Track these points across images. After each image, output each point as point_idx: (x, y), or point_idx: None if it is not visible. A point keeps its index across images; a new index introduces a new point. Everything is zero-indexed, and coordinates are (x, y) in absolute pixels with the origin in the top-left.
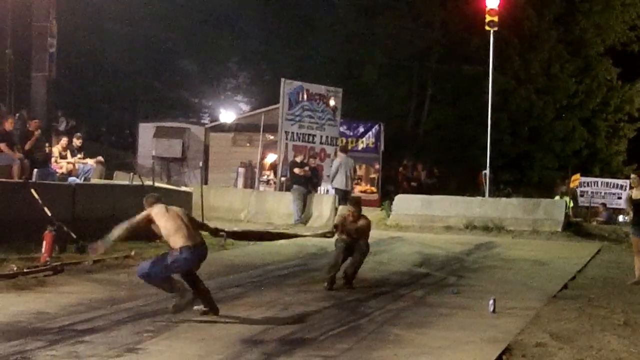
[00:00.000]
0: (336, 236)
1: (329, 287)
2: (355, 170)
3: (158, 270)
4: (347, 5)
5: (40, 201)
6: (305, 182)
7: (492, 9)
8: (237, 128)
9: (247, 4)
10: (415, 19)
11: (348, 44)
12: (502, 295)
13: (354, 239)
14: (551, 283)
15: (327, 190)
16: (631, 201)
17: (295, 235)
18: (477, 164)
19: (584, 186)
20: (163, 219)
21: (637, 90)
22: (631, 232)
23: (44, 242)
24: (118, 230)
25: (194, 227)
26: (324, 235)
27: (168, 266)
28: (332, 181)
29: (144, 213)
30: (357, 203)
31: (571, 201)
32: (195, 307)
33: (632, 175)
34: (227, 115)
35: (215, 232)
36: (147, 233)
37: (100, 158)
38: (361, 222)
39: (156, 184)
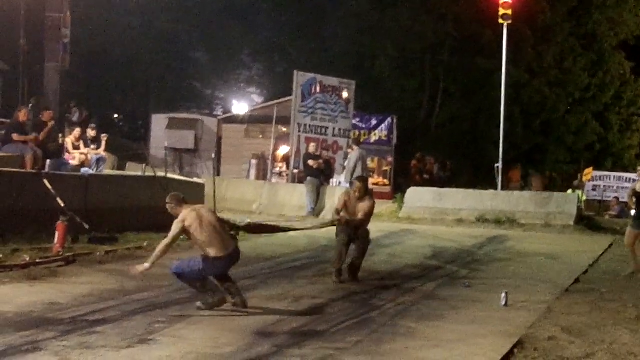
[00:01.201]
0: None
1: (337, 279)
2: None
3: (193, 272)
4: None
5: (53, 192)
6: (318, 174)
7: (505, 2)
8: (249, 120)
9: None
10: (428, 12)
11: (361, 36)
12: (514, 288)
13: (355, 228)
14: (563, 277)
15: (340, 183)
16: (635, 193)
17: (297, 229)
18: (489, 158)
19: (596, 180)
20: (197, 231)
21: None
22: (631, 224)
23: (57, 233)
24: (157, 254)
25: (225, 230)
26: (332, 223)
27: (202, 270)
28: (351, 175)
29: (176, 227)
30: (364, 181)
31: (583, 195)
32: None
33: (639, 168)
34: (240, 107)
35: (233, 227)
36: (158, 224)
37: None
38: (365, 203)
39: (168, 175)
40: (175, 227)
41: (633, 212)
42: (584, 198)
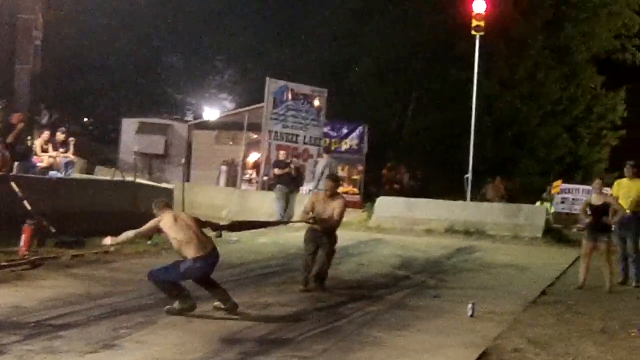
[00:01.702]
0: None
1: (304, 288)
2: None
3: (171, 277)
4: (337, 6)
5: (20, 194)
6: (287, 181)
7: (478, 14)
8: (220, 126)
9: (235, 1)
10: (403, 22)
11: (335, 44)
12: (481, 299)
13: (323, 230)
14: (530, 288)
15: (309, 190)
16: (589, 206)
17: (280, 222)
18: (460, 168)
19: (565, 192)
20: (172, 230)
21: (620, 99)
22: (585, 235)
23: (23, 236)
24: (126, 235)
25: (202, 232)
26: (306, 221)
27: (181, 274)
28: (317, 182)
29: (152, 222)
30: (336, 179)
31: (552, 207)
32: (215, 304)
33: (596, 181)
34: (211, 113)
35: (217, 228)
36: (126, 228)
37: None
38: (336, 202)
39: (137, 180)
40: (151, 222)
41: (586, 221)
42: (552, 210)
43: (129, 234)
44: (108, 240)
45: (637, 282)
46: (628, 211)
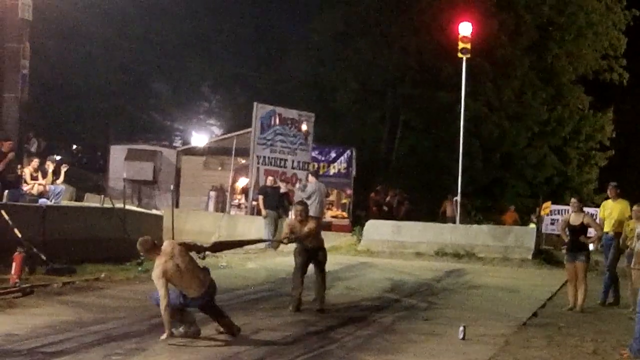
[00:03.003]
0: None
1: (295, 308)
2: (327, 195)
3: (174, 304)
4: (322, 30)
5: (10, 222)
6: (276, 206)
7: (464, 37)
8: (209, 151)
9: (221, 27)
10: (389, 46)
11: (322, 68)
12: (472, 322)
13: (311, 248)
14: (521, 310)
15: None
16: (568, 226)
17: (258, 241)
18: (449, 190)
19: (555, 214)
20: (175, 278)
21: (608, 119)
22: (566, 258)
23: (14, 264)
24: (165, 314)
25: (198, 267)
26: (280, 241)
27: (183, 303)
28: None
29: (161, 283)
30: (303, 204)
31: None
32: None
33: (573, 200)
34: (199, 139)
35: (200, 250)
36: (116, 255)
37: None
38: (309, 225)
39: (127, 207)
40: (160, 284)
41: (593, 246)
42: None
43: (165, 313)
44: (165, 336)
45: (602, 300)
46: (611, 232)
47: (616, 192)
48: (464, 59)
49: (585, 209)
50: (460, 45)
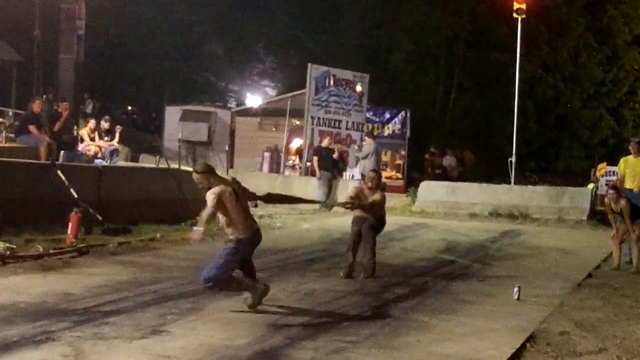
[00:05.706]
0: (353, 213)
1: (346, 275)
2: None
3: (220, 274)
4: None
5: (66, 183)
6: (331, 167)
7: None
8: (263, 112)
9: None
10: (443, 7)
11: (376, 30)
12: (527, 283)
13: (369, 213)
14: (576, 272)
15: (353, 176)
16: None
17: (313, 201)
18: (503, 152)
19: (610, 175)
20: (229, 203)
21: None
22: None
23: (70, 224)
24: (206, 215)
25: (249, 210)
26: (343, 205)
27: (226, 264)
28: (363, 167)
29: (215, 197)
30: (378, 172)
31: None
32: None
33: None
34: (254, 100)
35: (253, 198)
36: (171, 216)
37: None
38: (376, 195)
39: (182, 168)
40: (212, 200)
41: None
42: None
43: (206, 215)
44: (198, 234)
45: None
46: (636, 189)
47: (639, 148)
48: (519, 19)
49: None
50: (516, 5)
